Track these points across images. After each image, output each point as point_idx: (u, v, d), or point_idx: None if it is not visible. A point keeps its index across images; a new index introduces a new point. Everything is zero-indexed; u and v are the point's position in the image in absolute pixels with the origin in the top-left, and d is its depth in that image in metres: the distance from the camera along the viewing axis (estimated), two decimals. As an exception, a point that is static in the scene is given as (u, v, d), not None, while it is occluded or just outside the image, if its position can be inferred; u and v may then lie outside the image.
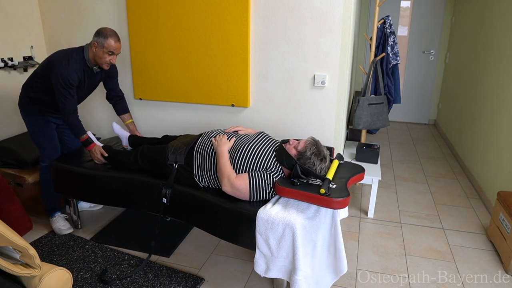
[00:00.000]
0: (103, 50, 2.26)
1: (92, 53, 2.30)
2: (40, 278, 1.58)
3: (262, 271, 1.88)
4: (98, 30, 2.29)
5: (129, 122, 2.72)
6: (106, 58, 2.29)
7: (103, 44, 2.25)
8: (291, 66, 2.60)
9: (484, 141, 3.39)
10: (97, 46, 2.27)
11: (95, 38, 2.27)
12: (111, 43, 2.26)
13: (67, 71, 2.22)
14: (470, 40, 4.18)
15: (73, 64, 2.26)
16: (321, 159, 1.96)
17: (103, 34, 2.25)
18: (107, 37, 2.25)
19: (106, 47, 2.26)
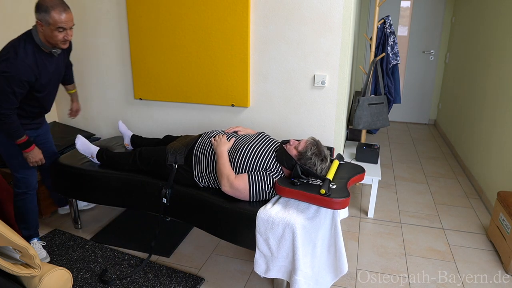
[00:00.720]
0: (50, 27, 1.83)
1: (41, 33, 1.87)
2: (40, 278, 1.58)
3: (262, 271, 1.88)
4: (37, 3, 1.80)
5: (73, 91, 2.44)
6: (58, 36, 1.86)
7: (47, 20, 1.80)
8: (291, 66, 2.60)
9: (484, 141, 3.39)
10: (42, 25, 1.82)
11: (36, 14, 1.81)
12: (56, 17, 1.80)
13: (16, 65, 1.79)
14: (470, 40, 4.18)
15: (23, 55, 1.83)
16: (321, 159, 1.96)
17: (43, 8, 1.79)
18: (48, 11, 1.79)
19: (53, 24, 1.81)
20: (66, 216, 2.88)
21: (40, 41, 1.89)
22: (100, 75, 3.09)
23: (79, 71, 3.15)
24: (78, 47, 3.08)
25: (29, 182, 2.19)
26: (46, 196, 2.77)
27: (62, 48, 1.96)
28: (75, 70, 3.17)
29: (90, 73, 3.12)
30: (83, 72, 3.13)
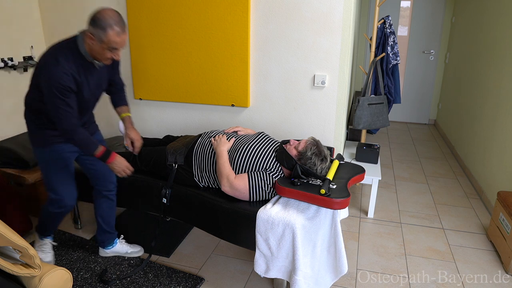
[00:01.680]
0: (102, 45, 1.70)
1: (89, 45, 1.74)
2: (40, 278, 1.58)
3: (262, 271, 1.88)
4: (94, 15, 1.67)
5: (125, 115, 2.16)
6: (107, 54, 1.75)
7: (102, 38, 1.68)
8: (291, 66, 2.60)
9: (484, 141, 3.39)
10: (93, 39, 1.69)
11: (90, 28, 1.67)
12: (112, 38, 1.68)
13: (57, 73, 1.67)
14: (470, 40, 4.18)
15: (64, 63, 1.69)
16: (321, 159, 1.96)
17: (102, 24, 1.65)
18: (106, 30, 1.66)
19: (106, 43, 1.69)
20: (66, 216, 2.87)
21: (85, 51, 1.76)
22: (100, 75, 3.09)
23: (79, 71, 3.15)
24: (78, 47, 3.09)
25: (64, 203, 2.04)
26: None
27: (104, 63, 1.86)
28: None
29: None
30: (83, 72, 3.13)
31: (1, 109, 2.92)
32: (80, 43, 1.75)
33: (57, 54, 1.71)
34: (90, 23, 1.68)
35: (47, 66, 1.69)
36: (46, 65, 1.69)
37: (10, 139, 2.86)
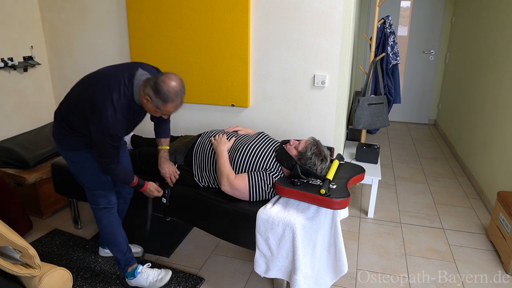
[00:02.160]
0: (156, 109, 1.71)
1: (142, 100, 1.71)
2: (40, 278, 1.58)
3: (262, 271, 1.88)
4: (159, 84, 1.64)
5: (162, 148, 2.13)
6: (157, 114, 1.76)
7: (159, 106, 1.68)
8: (291, 66, 2.60)
9: (484, 141, 3.39)
10: (149, 101, 1.68)
11: (149, 91, 1.65)
12: (169, 109, 1.71)
13: (114, 124, 1.66)
14: (470, 40, 4.18)
15: (121, 109, 1.67)
16: (321, 159, 1.96)
17: (163, 97, 1.65)
18: (166, 102, 1.67)
19: (161, 110, 1.72)
20: (66, 216, 2.88)
21: (138, 101, 1.73)
22: (100, 75, 3.09)
23: (79, 71, 3.15)
24: (78, 47, 3.09)
25: (109, 197, 2.01)
26: (46, 196, 2.78)
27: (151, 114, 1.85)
28: (75, 70, 3.18)
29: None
30: (83, 72, 3.13)
31: (1, 109, 2.92)
32: (136, 93, 1.72)
33: (116, 105, 1.66)
34: (152, 88, 1.65)
35: (104, 115, 1.65)
36: (104, 114, 1.65)
37: (10, 139, 2.87)
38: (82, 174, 1.94)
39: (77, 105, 1.75)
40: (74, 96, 1.78)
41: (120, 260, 2.05)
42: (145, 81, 1.70)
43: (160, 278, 2.09)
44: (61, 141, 1.88)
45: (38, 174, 2.67)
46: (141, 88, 1.70)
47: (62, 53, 3.16)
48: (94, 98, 1.67)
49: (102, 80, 1.72)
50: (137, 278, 2.07)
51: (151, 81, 1.67)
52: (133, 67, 1.77)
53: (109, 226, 2.02)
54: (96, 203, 1.99)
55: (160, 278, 2.09)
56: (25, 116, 3.11)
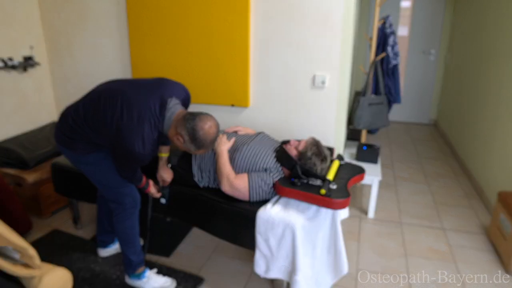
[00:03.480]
0: (186, 149, 1.71)
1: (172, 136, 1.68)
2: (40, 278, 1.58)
3: (262, 271, 1.88)
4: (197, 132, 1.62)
5: (162, 155, 2.07)
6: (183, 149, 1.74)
7: (191, 149, 1.69)
8: (291, 66, 2.60)
9: (484, 141, 3.39)
10: (181, 142, 1.66)
11: (185, 135, 1.63)
12: (201, 151, 1.72)
13: (142, 156, 1.63)
14: (470, 40, 4.18)
15: (150, 142, 1.63)
16: (322, 159, 1.96)
17: (199, 144, 1.65)
18: (200, 148, 1.68)
19: (193, 153, 1.74)
20: (66, 216, 2.88)
21: (166, 132, 1.68)
22: (100, 75, 3.09)
23: (79, 71, 3.15)
24: (78, 47, 3.08)
25: (133, 193, 1.97)
26: (46, 196, 2.77)
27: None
28: (75, 70, 3.18)
29: (90, 73, 3.12)
30: (83, 72, 3.13)
31: (1, 109, 2.92)
32: (167, 126, 1.66)
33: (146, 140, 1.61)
34: (188, 133, 1.62)
35: (132, 148, 1.59)
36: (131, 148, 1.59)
37: (10, 139, 2.87)
38: (102, 174, 1.87)
39: (97, 124, 1.68)
40: (92, 112, 1.69)
41: (134, 261, 2.02)
42: (181, 120, 1.63)
43: (164, 287, 2.07)
44: (71, 146, 1.80)
45: (38, 174, 2.67)
46: (173, 124, 1.65)
47: (62, 53, 3.16)
48: (122, 127, 1.60)
49: (131, 107, 1.62)
50: (141, 281, 2.06)
51: (188, 124, 1.61)
52: (164, 92, 1.68)
53: (131, 227, 1.99)
54: (122, 203, 1.93)
55: (164, 287, 2.07)
56: (25, 116, 3.11)
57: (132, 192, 1.97)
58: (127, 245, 2.00)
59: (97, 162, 1.85)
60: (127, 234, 1.99)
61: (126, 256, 2.02)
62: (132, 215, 1.99)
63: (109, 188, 1.92)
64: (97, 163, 1.85)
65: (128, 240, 2.00)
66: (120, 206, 1.95)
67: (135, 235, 2.01)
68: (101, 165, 1.86)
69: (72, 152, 1.82)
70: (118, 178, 1.89)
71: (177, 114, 1.66)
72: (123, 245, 2.01)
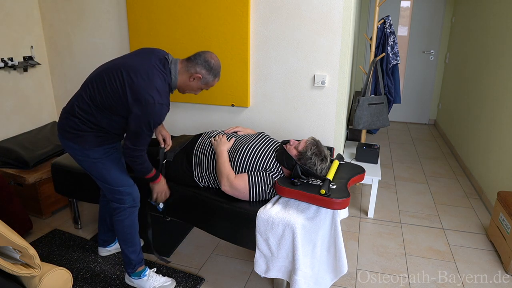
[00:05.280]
0: (202, 86, 1.85)
1: (184, 81, 1.82)
2: (40, 278, 1.58)
3: (262, 271, 1.88)
4: (209, 61, 1.80)
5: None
6: (197, 92, 1.89)
7: (209, 81, 1.84)
8: (291, 66, 2.60)
9: (484, 141, 3.39)
10: (200, 79, 1.81)
11: (203, 71, 1.79)
12: (215, 83, 1.88)
13: (160, 110, 1.69)
14: (470, 40, 4.18)
15: (165, 95, 1.72)
16: (321, 159, 1.96)
17: (214, 72, 1.83)
18: (216, 77, 1.86)
19: (208, 85, 1.87)
20: (66, 216, 2.88)
21: (175, 83, 1.80)
22: (100, 75, 3.09)
23: (79, 71, 3.15)
24: (78, 47, 3.09)
25: (134, 192, 1.99)
26: (46, 196, 2.78)
27: (182, 93, 1.94)
28: (75, 70, 3.18)
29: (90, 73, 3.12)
30: (83, 72, 3.13)
31: (1, 109, 2.92)
32: (175, 74, 1.78)
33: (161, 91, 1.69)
34: (204, 66, 1.78)
35: (155, 105, 1.66)
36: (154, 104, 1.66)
37: (10, 139, 2.87)
38: (107, 170, 1.88)
39: (109, 101, 1.71)
40: (99, 92, 1.73)
41: (133, 260, 2.03)
42: (188, 62, 1.79)
43: (164, 286, 2.08)
44: (79, 140, 1.80)
45: (38, 174, 2.67)
46: (182, 71, 1.79)
47: (62, 53, 3.17)
48: (135, 87, 1.66)
49: (136, 70, 1.69)
50: (142, 280, 2.06)
51: (199, 60, 1.78)
52: (158, 54, 1.79)
53: (131, 226, 2.00)
54: (122, 202, 1.95)
55: (164, 286, 2.08)
56: (25, 116, 3.11)
57: (133, 192, 1.98)
58: (126, 244, 2.01)
59: (104, 158, 1.87)
60: (126, 233, 1.99)
61: (126, 255, 2.02)
62: (131, 214, 1.99)
63: (111, 187, 1.92)
64: (103, 159, 1.87)
65: (128, 239, 2.01)
66: (120, 206, 1.96)
67: (134, 234, 2.02)
68: (107, 162, 1.88)
69: (80, 147, 1.81)
70: (123, 176, 1.93)
71: (179, 63, 1.81)
72: (122, 244, 2.02)
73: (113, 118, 1.77)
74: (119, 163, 1.94)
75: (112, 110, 1.74)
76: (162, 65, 1.75)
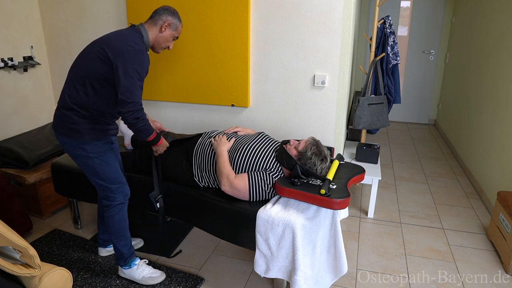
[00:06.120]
0: (173, 33, 1.95)
1: (156, 35, 1.92)
2: (40, 278, 1.58)
3: (262, 271, 1.88)
4: (170, 8, 1.94)
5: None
6: (169, 44, 1.99)
7: (177, 26, 1.95)
8: (291, 66, 2.60)
9: (484, 141, 3.39)
10: (169, 27, 1.92)
11: (169, 17, 1.91)
12: (181, 28, 1.99)
13: (142, 55, 1.79)
14: (470, 40, 4.18)
15: (142, 47, 1.82)
16: (321, 159, 1.96)
17: (177, 15, 1.94)
18: (180, 21, 1.97)
19: (178, 31, 1.97)
20: (66, 216, 2.88)
21: (148, 41, 1.90)
22: (100, 75, 3.09)
23: (79, 71, 3.15)
24: (78, 47, 3.09)
25: (126, 190, 2.04)
26: (46, 196, 2.78)
27: (156, 52, 2.02)
28: (75, 70, 3.18)
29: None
30: (83, 72, 3.13)
31: (1, 109, 2.92)
32: (145, 34, 1.89)
33: (139, 44, 1.81)
34: (167, 14, 1.91)
35: (135, 51, 1.76)
36: (134, 51, 1.76)
37: (10, 139, 2.87)
38: (102, 167, 1.92)
39: (88, 70, 1.79)
40: (80, 68, 1.82)
41: (125, 253, 2.09)
42: (153, 17, 1.91)
43: (153, 276, 2.12)
44: (76, 134, 1.84)
45: (38, 174, 2.67)
46: (151, 27, 1.90)
47: (62, 53, 3.17)
48: (114, 46, 1.76)
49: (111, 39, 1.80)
50: (132, 269, 2.11)
51: (160, 12, 1.90)
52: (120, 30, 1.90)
53: (121, 221, 2.05)
54: (112, 200, 2.00)
55: (153, 276, 2.12)
56: (25, 116, 3.11)
57: (124, 190, 2.03)
58: (118, 238, 2.06)
59: (102, 154, 1.92)
60: (117, 228, 2.04)
61: (118, 249, 2.07)
62: (121, 210, 2.04)
63: (105, 184, 1.96)
64: (102, 155, 1.91)
65: (119, 234, 2.06)
66: (111, 203, 2.01)
67: (125, 228, 2.07)
68: (105, 158, 1.93)
69: (78, 141, 1.85)
70: (117, 173, 1.98)
71: (145, 24, 1.91)
72: (114, 238, 2.06)
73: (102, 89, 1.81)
74: (116, 160, 1.99)
75: (98, 80, 1.79)
76: (131, 29, 1.88)
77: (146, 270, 2.13)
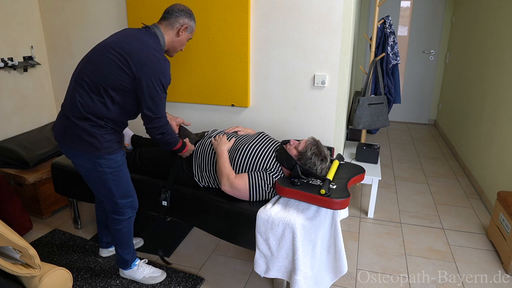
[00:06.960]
0: (188, 35, 1.87)
1: (172, 39, 1.82)
2: (40, 278, 1.58)
3: (262, 271, 1.88)
4: (186, 9, 1.82)
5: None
6: (184, 46, 1.91)
7: (193, 28, 1.87)
8: (291, 66, 2.60)
9: (484, 141, 3.39)
10: (186, 30, 1.83)
11: (185, 19, 1.81)
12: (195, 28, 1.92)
13: (165, 66, 1.69)
14: (470, 40, 4.18)
15: (162, 53, 1.73)
16: (321, 159, 1.96)
17: (192, 15, 1.85)
18: (195, 20, 1.88)
19: (193, 32, 1.90)
20: (66, 216, 2.88)
21: (163, 43, 1.79)
22: (100, 75, 3.09)
23: (79, 71, 3.15)
24: (78, 47, 3.09)
25: (134, 204, 1.98)
26: (46, 196, 2.78)
27: (170, 56, 1.94)
28: (75, 70, 3.18)
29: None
30: (83, 72, 3.13)
31: (1, 109, 2.92)
32: (162, 38, 1.78)
33: (161, 51, 1.73)
34: (184, 16, 1.80)
35: (159, 61, 1.67)
36: (158, 61, 1.67)
37: (10, 139, 2.87)
38: (116, 183, 1.83)
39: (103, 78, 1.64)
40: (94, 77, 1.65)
41: (129, 260, 2.09)
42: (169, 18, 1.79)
43: (153, 276, 2.13)
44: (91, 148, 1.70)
45: (38, 174, 2.67)
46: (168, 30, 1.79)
47: (62, 53, 3.17)
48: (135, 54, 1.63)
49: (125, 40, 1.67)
50: (132, 269, 2.11)
51: (177, 13, 1.78)
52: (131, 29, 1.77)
53: (128, 233, 2.03)
54: (121, 214, 1.94)
55: (153, 276, 2.13)
56: (25, 116, 3.11)
57: (134, 203, 1.99)
58: (122, 247, 2.06)
59: (118, 167, 1.82)
60: (123, 238, 2.03)
61: (122, 256, 2.08)
62: (129, 223, 2.02)
63: (116, 199, 1.89)
64: (118, 168, 1.82)
65: (124, 243, 2.04)
66: (119, 218, 1.97)
67: (130, 238, 2.07)
68: (121, 171, 1.84)
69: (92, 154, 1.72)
70: (129, 187, 1.92)
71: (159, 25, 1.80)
72: (118, 248, 2.06)
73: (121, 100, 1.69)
74: (127, 173, 1.91)
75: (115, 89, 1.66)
76: (145, 30, 1.77)
77: (146, 270, 2.13)
